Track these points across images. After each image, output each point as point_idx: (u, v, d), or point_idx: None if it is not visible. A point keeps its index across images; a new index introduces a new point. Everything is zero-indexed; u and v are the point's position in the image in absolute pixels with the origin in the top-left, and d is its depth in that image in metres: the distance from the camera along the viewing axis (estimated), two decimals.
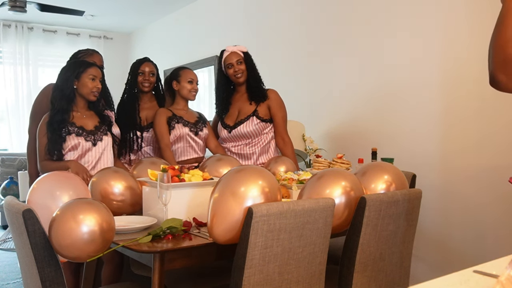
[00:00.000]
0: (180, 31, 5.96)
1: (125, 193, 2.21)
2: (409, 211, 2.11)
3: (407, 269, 2.23)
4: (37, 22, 6.43)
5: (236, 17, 4.91)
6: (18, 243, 1.85)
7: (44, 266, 1.69)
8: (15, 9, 4.69)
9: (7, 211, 1.85)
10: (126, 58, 6.85)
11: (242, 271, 1.63)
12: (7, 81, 6.34)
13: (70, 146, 2.49)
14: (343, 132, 3.65)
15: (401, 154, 3.00)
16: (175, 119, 2.90)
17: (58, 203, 1.89)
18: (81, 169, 2.41)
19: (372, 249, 1.98)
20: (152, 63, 3.07)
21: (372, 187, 2.07)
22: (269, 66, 4.06)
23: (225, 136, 3.02)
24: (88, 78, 2.52)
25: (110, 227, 1.67)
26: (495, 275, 0.97)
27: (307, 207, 1.74)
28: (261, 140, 3.00)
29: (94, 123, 2.59)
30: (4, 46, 6.32)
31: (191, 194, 2.03)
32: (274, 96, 3.01)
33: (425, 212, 2.81)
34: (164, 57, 6.04)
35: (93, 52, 3.01)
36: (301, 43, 4.05)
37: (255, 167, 1.83)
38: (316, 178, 1.95)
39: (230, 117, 3.01)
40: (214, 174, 2.42)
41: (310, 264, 1.82)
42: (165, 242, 1.72)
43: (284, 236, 1.70)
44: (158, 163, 2.48)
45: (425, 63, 3.04)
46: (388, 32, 3.28)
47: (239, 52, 2.97)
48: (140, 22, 6.61)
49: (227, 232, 1.66)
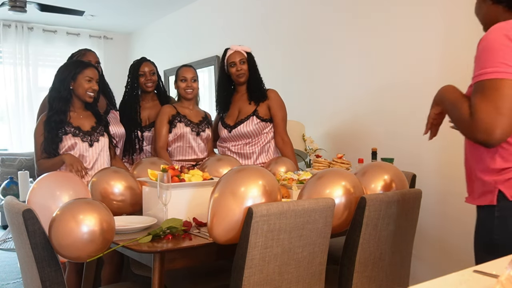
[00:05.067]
0: (180, 31, 5.97)
1: (125, 193, 2.21)
2: (409, 211, 2.11)
3: (407, 269, 2.23)
4: (37, 22, 6.43)
5: (236, 17, 4.91)
6: (18, 243, 1.85)
7: (44, 266, 1.69)
8: (15, 9, 4.69)
9: (7, 211, 1.85)
10: (126, 58, 6.85)
11: (242, 271, 1.63)
12: (7, 81, 6.33)
13: (67, 147, 2.50)
14: (343, 132, 3.65)
15: (401, 154, 3.00)
16: (178, 118, 2.92)
17: (58, 203, 1.90)
18: (75, 161, 2.43)
19: (372, 249, 1.98)
20: (150, 62, 3.08)
21: (372, 187, 2.07)
22: (269, 66, 4.06)
23: (225, 136, 3.02)
24: (84, 79, 2.52)
25: (110, 227, 1.67)
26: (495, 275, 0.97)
27: (307, 207, 1.74)
28: (261, 140, 3.00)
29: (91, 123, 2.60)
30: (4, 46, 6.32)
31: (191, 194, 2.03)
32: (274, 96, 3.02)
33: (425, 212, 2.81)
34: (164, 57, 6.04)
35: (85, 52, 3.01)
36: (301, 43, 4.05)
37: (255, 167, 1.83)
38: (316, 178, 1.95)
39: (230, 116, 3.02)
40: (214, 174, 2.42)
41: (310, 264, 1.82)
42: (165, 242, 1.72)
43: (284, 236, 1.70)
44: (158, 163, 2.48)
45: (426, 63, 3.04)
46: (388, 32, 3.28)
47: (243, 52, 2.97)
48: (140, 22, 6.61)
49: (227, 232, 1.66)
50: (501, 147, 1.34)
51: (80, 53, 2.99)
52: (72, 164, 2.40)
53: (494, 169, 1.36)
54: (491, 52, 1.30)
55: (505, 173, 1.34)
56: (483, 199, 1.41)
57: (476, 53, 1.36)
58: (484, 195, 1.40)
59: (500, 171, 1.35)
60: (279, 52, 4.30)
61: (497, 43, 1.29)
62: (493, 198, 1.36)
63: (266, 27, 4.47)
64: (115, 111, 3.02)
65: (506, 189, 1.34)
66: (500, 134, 1.25)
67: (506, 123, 1.24)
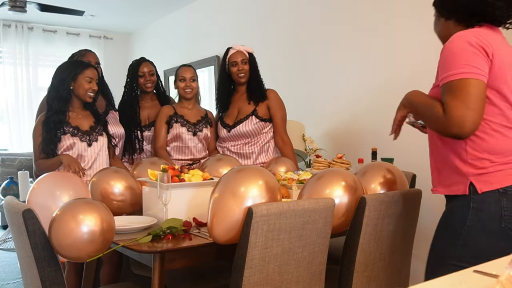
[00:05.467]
0: (180, 31, 5.97)
1: (125, 193, 2.21)
2: (409, 211, 2.11)
3: (407, 269, 2.23)
4: (37, 22, 6.42)
5: (236, 17, 4.91)
6: (18, 243, 1.85)
7: (44, 266, 1.69)
8: (15, 9, 4.69)
9: (7, 211, 1.85)
10: (126, 58, 6.84)
11: (242, 271, 1.63)
12: (7, 81, 6.33)
13: (65, 146, 2.50)
14: (343, 132, 3.65)
15: (401, 154, 3.00)
16: (175, 118, 2.94)
17: (58, 203, 1.90)
18: (73, 161, 2.43)
19: (372, 249, 1.98)
20: (149, 62, 3.08)
21: (372, 187, 2.07)
22: (269, 66, 4.06)
23: (224, 136, 3.02)
24: (85, 79, 2.52)
25: (110, 227, 1.67)
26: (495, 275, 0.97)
27: (307, 207, 1.74)
28: (260, 140, 3.01)
29: (90, 123, 2.60)
30: (4, 46, 6.31)
31: (191, 194, 2.03)
32: (273, 96, 3.02)
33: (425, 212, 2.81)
34: (164, 57, 6.04)
35: (85, 52, 3.01)
36: (301, 43, 4.05)
37: (255, 167, 1.83)
38: (316, 178, 1.95)
39: (230, 116, 3.02)
40: (214, 174, 2.42)
41: (310, 264, 1.82)
42: (165, 242, 1.73)
43: (284, 236, 1.70)
44: (158, 163, 2.49)
45: (426, 63, 3.04)
46: (388, 33, 3.28)
47: (245, 52, 2.98)
48: (140, 22, 6.61)
49: (227, 232, 1.66)
50: (470, 140, 1.48)
51: (80, 54, 3.00)
52: (69, 164, 2.40)
53: (466, 160, 1.50)
54: (455, 56, 1.45)
55: (477, 167, 1.48)
56: (455, 189, 1.53)
57: (440, 60, 1.52)
58: (456, 185, 1.53)
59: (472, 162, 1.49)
60: (279, 52, 4.30)
61: (459, 48, 1.45)
62: (465, 188, 1.50)
63: (266, 27, 4.47)
64: (114, 112, 3.02)
65: (477, 182, 1.48)
66: (471, 126, 1.41)
67: (475, 116, 1.40)
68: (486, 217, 1.46)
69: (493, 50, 1.45)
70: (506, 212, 1.45)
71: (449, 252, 1.53)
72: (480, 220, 1.47)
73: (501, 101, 1.48)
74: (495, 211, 1.45)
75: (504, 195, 1.45)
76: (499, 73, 1.46)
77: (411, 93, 1.70)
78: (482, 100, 1.42)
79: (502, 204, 1.45)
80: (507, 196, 1.45)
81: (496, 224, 1.45)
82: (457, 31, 1.54)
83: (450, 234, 1.54)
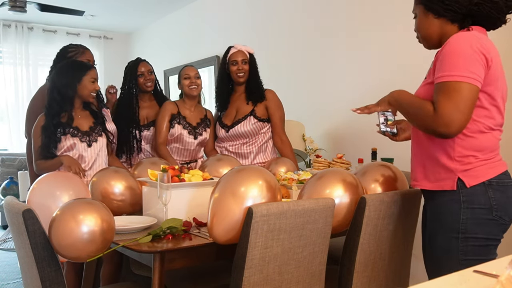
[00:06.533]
0: (180, 31, 5.96)
1: (125, 193, 2.21)
2: (409, 211, 2.11)
3: (407, 269, 2.23)
4: (37, 22, 6.42)
5: (237, 17, 4.91)
6: (18, 243, 1.85)
7: (44, 266, 1.69)
8: (15, 9, 4.69)
9: (7, 211, 1.85)
10: (126, 58, 6.78)
11: (242, 271, 1.63)
12: (7, 81, 6.33)
13: (66, 147, 2.50)
14: (343, 132, 3.65)
15: (401, 154, 2.99)
16: (177, 118, 2.95)
17: (58, 203, 1.90)
18: (74, 163, 2.44)
19: (372, 249, 1.98)
20: (146, 62, 3.09)
21: (372, 187, 2.07)
22: (269, 66, 4.06)
23: (222, 136, 3.03)
24: (89, 81, 2.54)
25: (110, 227, 1.67)
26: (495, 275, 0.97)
27: (307, 207, 1.74)
28: (258, 140, 3.01)
29: (89, 123, 2.60)
30: (4, 46, 6.31)
31: (191, 194, 2.03)
32: (271, 96, 3.02)
33: None
34: (164, 57, 6.04)
35: (84, 50, 3.00)
36: (301, 43, 4.05)
37: (255, 167, 1.83)
38: (316, 178, 1.95)
39: (228, 116, 3.02)
40: (214, 174, 2.42)
41: (310, 264, 1.82)
42: (165, 242, 1.73)
43: (284, 236, 1.70)
44: (158, 163, 2.49)
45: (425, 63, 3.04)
46: (389, 32, 3.28)
47: (246, 52, 2.98)
48: (140, 22, 6.61)
49: (227, 232, 1.66)
50: (459, 138, 1.54)
51: (78, 51, 2.97)
52: (70, 166, 2.41)
53: (453, 157, 1.55)
54: (457, 58, 1.48)
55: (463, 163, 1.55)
56: (442, 184, 1.58)
57: (440, 57, 1.54)
58: (443, 180, 1.58)
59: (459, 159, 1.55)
60: (279, 52, 4.30)
61: (462, 50, 1.49)
62: (453, 184, 1.56)
63: (266, 27, 4.47)
64: (105, 109, 3.00)
65: (465, 177, 1.54)
66: (457, 128, 1.48)
67: (463, 119, 1.47)
68: (478, 209, 1.54)
69: (492, 56, 1.51)
70: (494, 202, 1.54)
71: (453, 248, 1.57)
72: (474, 213, 1.54)
73: (491, 105, 1.55)
74: (485, 202, 1.54)
75: (490, 186, 1.54)
76: (494, 79, 1.53)
77: (398, 92, 1.74)
78: (473, 104, 1.49)
79: (490, 194, 1.54)
80: (492, 186, 1.55)
81: (488, 214, 1.54)
82: (452, 30, 1.60)
83: (447, 230, 1.58)
